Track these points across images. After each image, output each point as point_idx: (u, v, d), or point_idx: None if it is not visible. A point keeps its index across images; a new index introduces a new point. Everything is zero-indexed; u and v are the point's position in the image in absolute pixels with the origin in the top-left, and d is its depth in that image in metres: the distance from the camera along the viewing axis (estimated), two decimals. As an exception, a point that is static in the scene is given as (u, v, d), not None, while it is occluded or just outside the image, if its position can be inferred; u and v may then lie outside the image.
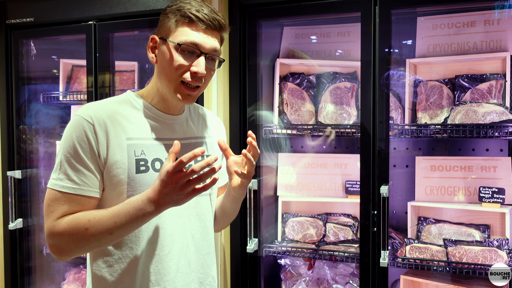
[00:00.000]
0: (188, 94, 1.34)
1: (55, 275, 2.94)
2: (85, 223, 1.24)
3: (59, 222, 1.26)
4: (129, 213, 1.23)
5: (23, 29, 2.65)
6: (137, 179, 1.32)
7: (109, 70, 2.50)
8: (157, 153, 1.37)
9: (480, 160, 2.17)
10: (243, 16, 2.18)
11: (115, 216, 1.24)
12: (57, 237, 1.26)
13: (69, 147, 1.28)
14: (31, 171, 2.78)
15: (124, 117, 1.34)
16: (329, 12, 2.13)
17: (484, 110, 2.02)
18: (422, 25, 2.24)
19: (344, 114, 2.30)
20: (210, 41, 1.33)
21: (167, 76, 1.33)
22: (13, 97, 2.69)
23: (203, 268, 1.48)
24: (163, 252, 1.37)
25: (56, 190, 1.28)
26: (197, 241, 1.45)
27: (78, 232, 1.24)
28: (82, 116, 1.29)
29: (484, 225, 2.12)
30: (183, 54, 1.31)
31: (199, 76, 1.32)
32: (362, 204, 2.03)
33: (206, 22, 1.31)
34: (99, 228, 1.24)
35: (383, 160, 2.00)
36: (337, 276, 2.39)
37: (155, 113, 1.40)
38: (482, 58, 2.13)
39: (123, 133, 1.32)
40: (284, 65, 2.44)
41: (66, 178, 1.28)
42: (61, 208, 1.27)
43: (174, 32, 1.32)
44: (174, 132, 1.43)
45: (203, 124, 1.55)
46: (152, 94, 1.41)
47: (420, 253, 2.05)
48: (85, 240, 1.25)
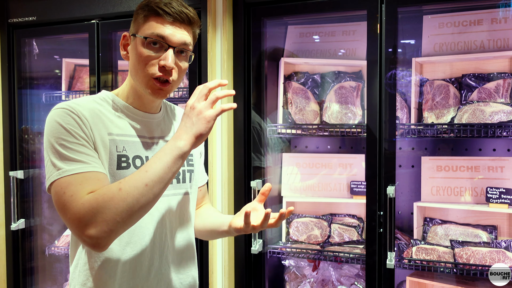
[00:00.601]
0: (160, 88, 1.31)
1: (57, 275, 2.93)
2: (116, 185, 1.16)
3: (87, 197, 1.15)
4: (158, 156, 1.19)
5: (25, 28, 2.64)
6: (117, 175, 1.29)
7: (111, 70, 2.49)
8: (137, 151, 1.35)
9: (487, 160, 2.15)
10: (247, 15, 2.16)
11: (145, 165, 1.19)
12: (90, 213, 1.13)
13: (61, 133, 1.21)
14: (33, 171, 2.77)
15: (102, 113, 1.32)
16: (335, 10, 2.10)
17: (491, 110, 1.99)
18: (428, 24, 2.22)
19: (349, 114, 2.27)
20: (178, 34, 1.30)
21: (138, 72, 1.31)
22: (15, 96, 2.67)
23: (183, 268, 1.46)
24: (142, 252, 1.35)
25: (66, 176, 1.18)
26: (177, 241, 1.44)
27: (112, 195, 1.13)
28: (64, 107, 1.25)
29: (491, 226, 2.10)
30: (151, 48, 1.29)
31: (167, 69, 1.30)
32: (368, 204, 2.01)
33: (173, 14, 1.29)
34: (132, 182, 1.15)
35: (389, 160, 1.98)
36: (342, 277, 2.37)
37: (133, 112, 1.38)
38: (489, 57, 2.11)
39: (104, 128, 1.29)
40: (288, 64, 2.42)
41: (71, 162, 1.19)
42: (81, 188, 1.16)
43: (143, 26, 1.30)
44: (152, 131, 1.41)
45: (179, 123, 1.53)
46: (127, 93, 1.39)
47: (426, 254, 2.02)
48: (121, 202, 1.13)
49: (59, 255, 2.80)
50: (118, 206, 1.13)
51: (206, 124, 1.21)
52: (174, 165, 1.20)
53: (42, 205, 2.85)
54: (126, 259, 1.33)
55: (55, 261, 2.92)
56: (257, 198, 1.42)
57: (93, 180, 1.19)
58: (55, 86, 2.90)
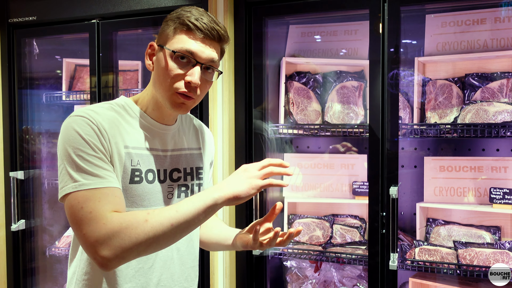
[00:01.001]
0: (182, 102, 1.29)
1: (58, 276, 2.91)
2: (144, 215, 1.14)
3: (111, 218, 1.12)
4: (192, 200, 1.17)
5: (26, 28, 2.62)
6: (129, 189, 1.27)
7: (112, 70, 2.47)
8: (150, 164, 1.33)
9: (490, 161, 2.13)
10: (248, 14, 2.15)
11: (177, 205, 1.17)
12: (110, 235, 1.10)
13: (79, 144, 1.18)
14: (33, 171, 2.75)
15: (120, 123, 1.29)
16: (336, 9, 2.09)
17: (495, 109, 1.98)
18: (431, 23, 2.20)
19: (351, 114, 2.26)
20: (207, 51, 1.28)
21: (162, 84, 1.29)
22: (15, 97, 2.66)
23: (187, 281, 1.44)
24: (146, 265, 1.33)
25: (83, 190, 1.15)
26: (182, 255, 1.42)
27: (137, 225, 1.11)
28: (83, 116, 1.22)
29: (495, 226, 2.08)
30: (178, 62, 1.26)
31: (193, 86, 1.27)
32: (370, 205, 1.99)
33: (204, 31, 1.26)
34: (160, 218, 1.13)
35: (392, 160, 1.96)
36: (344, 278, 2.35)
37: (149, 122, 1.36)
38: (492, 56, 2.09)
39: (121, 141, 1.27)
40: (290, 64, 2.40)
41: (88, 176, 1.17)
42: (101, 205, 1.14)
43: (172, 39, 1.28)
44: (166, 144, 1.39)
45: (193, 135, 1.52)
46: (147, 102, 1.36)
47: (429, 256, 2.01)
48: (143, 234, 1.11)
49: (60, 256, 2.79)
50: (139, 237, 1.12)
51: (249, 189, 1.19)
52: (203, 213, 1.17)
53: (43, 206, 2.84)
54: (132, 273, 1.31)
55: (56, 262, 2.90)
56: (267, 216, 1.41)
57: (111, 197, 1.17)
58: (56, 86, 2.89)
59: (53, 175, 2.81)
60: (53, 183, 2.77)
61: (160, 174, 1.34)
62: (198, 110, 2.17)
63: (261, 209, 2.16)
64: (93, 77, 2.46)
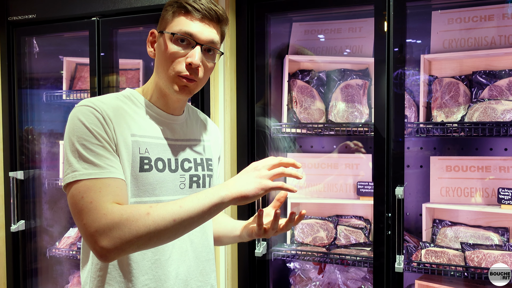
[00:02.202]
0: (185, 85, 1.28)
1: (58, 278, 2.88)
2: (146, 208, 1.11)
3: (112, 209, 1.10)
4: (197, 196, 1.14)
5: (25, 26, 2.59)
6: (140, 177, 1.26)
7: (113, 68, 2.44)
8: (160, 153, 1.31)
9: (498, 160, 2.08)
10: (251, 11, 2.11)
11: (181, 200, 1.14)
12: (110, 226, 1.09)
13: (83, 133, 1.17)
14: (33, 171, 2.72)
15: (126, 112, 1.28)
16: (340, 5, 2.05)
17: (503, 108, 1.93)
18: (437, 19, 2.15)
19: (356, 113, 2.21)
20: (206, 32, 1.27)
21: (163, 68, 1.28)
22: (15, 96, 2.63)
23: (202, 275, 1.42)
24: (164, 257, 1.31)
25: (84, 180, 1.14)
26: (196, 247, 1.39)
27: (138, 217, 1.09)
28: (88, 105, 1.21)
29: (503, 228, 2.03)
30: (178, 44, 1.26)
31: (194, 67, 1.26)
32: (375, 206, 1.94)
33: (202, 11, 1.26)
34: (162, 212, 1.11)
35: (398, 160, 1.91)
36: (348, 280, 2.31)
37: (156, 112, 1.35)
38: (500, 53, 2.04)
39: (128, 129, 1.26)
40: (293, 62, 2.36)
41: (90, 165, 1.15)
42: (101, 195, 1.12)
43: (171, 23, 1.28)
44: (175, 133, 1.38)
45: (201, 127, 1.51)
46: (151, 90, 1.36)
47: (436, 257, 1.96)
48: (144, 227, 1.09)
49: (60, 257, 2.76)
50: (139, 230, 1.09)
51: (257, 190, 1.16)
52: (208, 210, 1.15)
53: (43, 206, 2.81)
54: (149, 265, 1.28)
55: (56, 263, 2.87)
56: (272, 205, 1.40)
57: (112, 188, 1.15)
58: (56, 85, 2.86)
59: (53, 175, 2.78)
60: (53, 183, 2.74)
61: (171, 163, 1.33)
62: (199, 107, 2.14)
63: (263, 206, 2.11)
64: (94, 76, 2.43)
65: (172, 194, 1.31)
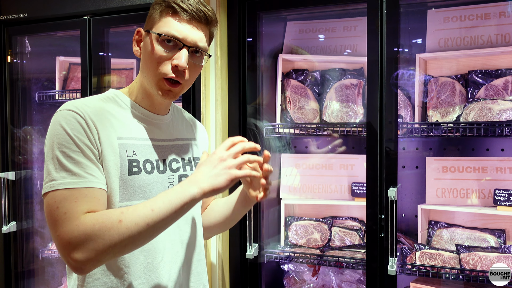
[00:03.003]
0: (169, 89, 1.26)
1: (50, 280, 2.86)
2: (118, 215, 1.09)
3: (83, 219, 1.08)
4: (168, 197, 1.12)
5: (17, 25, 2.57)
6: (129, 181, 1.23)
7: (105, 68, 2.41)
8: (148, 154, 1.29)
9: (495, 161, 2.05)
10: (242, 9, 2.08)
11: (152, 203, 1.11)
12: (82, 238, 1.06)
13: (64, 140, 1.14)
14: (25, 172, 2.70)
15: (111, 115, 1.26)
16: (333, 3, 2.02)
17: (499, 108, 1.89)
18: (432, 18, 2.12)
19: (350, 113, 2.18)
20: (194, 33, 1.25)
21: (149, 69, 1.26)
22: (6, 96, 2.60)
23: (194, 276, 1.41)
24: (156, 260, 1.29)
25: (61, 189, 1.11)
26: (187, 246, 1.38)
27: (110, 226, 1.07)
28: (71, 109, 1.17)
29: (500, 229, 2.00)
30: (164, 46, 1.24)
31: (180, 70, 1.24)
32: (368, 207, 1.91)
33: (190, 12, 1.23)
34: (134, 218, 1.09)
35: (391, 161, 1.88)
36: (343, 282, 2.28)
37: (141, 112, 1.33)
38: (497, 53, 2.01)
39: (113, 132, 1.23)
40: (287, 61, 2.33)
41: (69, 174, 1.12)
42: (76, 206, 1.10)
43: (158, 23, 1.25)
44: (161, 133, 1.36)
45: (187, 126, 1.50)
46: (136, 90, 1.33)
47: (431, 260, 1.93)
48: (117, 235, 1.07)
49: (52, 258, 2.74)
50: (113, 239, 1.07)
51: (227, 181, 1.15)
52: (181, 210, 1.13)
53: (34, 207, 2.78)
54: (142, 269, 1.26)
55: (48, 265, 2.85)
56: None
57: (89, 198, 1.12)
58: (48, 85, 2.83)
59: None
60: (45, 184, 2.71)
61: (159, 164, 1.31)
62: (190, 107, 2.11)
63: (256, 211, 2.09)
64: (85, 76, 2.40)
65: None
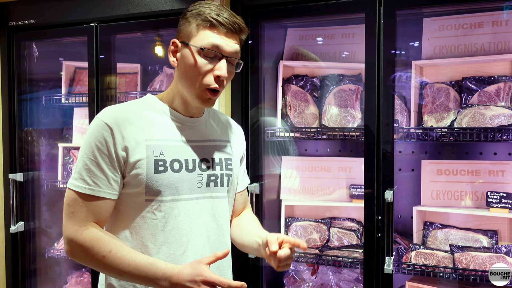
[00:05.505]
0: (209, 98, 1.36)
1: (56, 278, 2.92)
2: (105, 251, 1.27)
3: (82, 233, 1.29)
4: (146, 274, 1.26)
5: (25, 31, 2.64)
6: (155, 179, 1.33)
7: (111, 72, 2.48)
8: (176, 154, 1.37)
9: (488, 164, 2.13)
10: (245, 17, 2.15)
11: (133, 266, 1.27)
12: (75, 247, 1.30)
13: (87, 148, 1.31)
14: (32, 173, 2.77)
15: (143, 119, 1.36)
16: (333, 13, 2.09)
17: (492, 113, 1.97)
18: (428, 26, 2.20)
19: (349, 117, 2.26)
20: (231, 44, 1.34)
21: (191, 80, 1.34)
22: (15, 99, 2.68)
23: (219, 270, 1.45)
24: (178, 251, 1.36)
25: (72, 190, 1.31)
26: (213, 243, 1.44)
27: (95, 254, 1.28)
28: (101, 119, 1.32)
29: (492, 230, 2.07)
30: (206, 58, 1.33)
31: (221, 79, 1.34)
32: (366, 209, 1.99)
33: (227, 25, 1.32)
34: (114, 264, 1.27)
35: (388, 163, 1.96)
36: (341, 281, 2.35)
37: (176, 116, 1.41)
38: (490, 60, 2.09)
39: (142, 134, 1.33)
40: (287, 67, 2.40)
41: (79, 178, 1.31)
42: (81, 210, 1.30)
43: (196, 36, 1.33)
44: (194, 134, 1.44)
45: (222, 128, 1.55)
46: (173, 97, 1.42)
47: (426, 259, 2.00)
48: (97, 264, 1.29)
49: (59, 257, 2.80)
50: (91, 263, 1.31)
51: None
52: (146, 286, 1.31)
53: (42, 208, 2.85)
54: (164, 259, 1.34)
55: (55, 264, 2.91)
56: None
57: (97, 208, 1.31)
58: (55, 88, 2.90)
59: (52, 177, 2.82)
60: (52, 185, 2.78)
61: (189, 163, 1.39)
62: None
63: (257, 212, 2.16)
64: (92, 80, 2.48)
65: (189, 192, 1.38)
